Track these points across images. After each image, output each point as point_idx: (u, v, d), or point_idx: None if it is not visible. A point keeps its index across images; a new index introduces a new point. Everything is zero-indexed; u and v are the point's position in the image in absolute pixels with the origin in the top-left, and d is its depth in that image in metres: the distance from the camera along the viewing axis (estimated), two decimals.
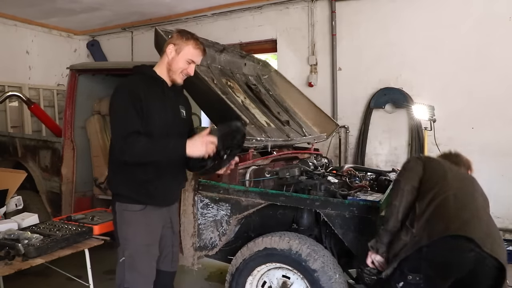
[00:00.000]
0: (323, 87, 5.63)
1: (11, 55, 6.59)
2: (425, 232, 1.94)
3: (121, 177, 2.29)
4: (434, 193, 2.05)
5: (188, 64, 2.31)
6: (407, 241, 1.98)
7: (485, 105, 4.66)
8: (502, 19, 4.64)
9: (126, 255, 2.30)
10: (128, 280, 2.30)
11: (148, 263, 2.34)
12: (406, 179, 2.13)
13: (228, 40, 5.84)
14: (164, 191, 2.35)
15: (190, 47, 2.29)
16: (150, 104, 2.23)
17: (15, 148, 4.21)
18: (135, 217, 2.29)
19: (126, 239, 2.30)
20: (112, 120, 2.26)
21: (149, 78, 2.33)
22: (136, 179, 2.26)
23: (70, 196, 3.78)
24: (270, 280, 2.69)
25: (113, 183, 2.36)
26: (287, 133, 3.58)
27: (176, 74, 2.31)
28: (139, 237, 2.30)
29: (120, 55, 7.36)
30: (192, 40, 2.30)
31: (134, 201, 2.28)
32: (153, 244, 2.37)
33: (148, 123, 2.21)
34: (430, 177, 2.12)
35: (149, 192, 2.28)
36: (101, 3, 5.91)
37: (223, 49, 3.82)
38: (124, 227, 2.31)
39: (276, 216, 2.86)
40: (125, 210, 2.30)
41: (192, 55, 2.30)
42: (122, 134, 2.12)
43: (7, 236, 2.54)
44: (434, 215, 1.99)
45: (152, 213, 2.33)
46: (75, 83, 3.82)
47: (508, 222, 4.66)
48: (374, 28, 5.20)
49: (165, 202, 2.42)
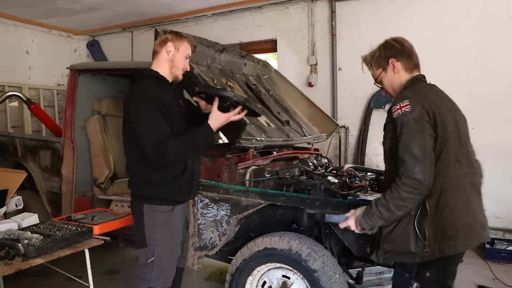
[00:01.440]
0: (323, 87, 5.64)
1: (11, 55, 6.59)
2: (436, 246, 1.76)
3: (146, 178, 2.31)
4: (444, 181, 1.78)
5: (186, 59, 2.43)
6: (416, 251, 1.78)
7: (485, 104, 4.66)
8: (502, 19, 4.64)
9: (156, 256, 2.34)
10: (153, 280, 2.34)
11: (173, 263, 2.43)
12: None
13: (228, 40, 5.85)
14: (189, 183, 2.43)
15: (186, 44, 2.42)
16: (169, 104, 2.29)
17: (15, 148, 4.21)
18: (165, 218, 2.35)
19: (155, 240, 2.34)
20: (140, 129, 2.21)
21: (157, 80, 2.36)
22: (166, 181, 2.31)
23: (70, 196, 3.78)
24: (270, 280, 2.68)
25: (139, 185, 2.35)
26: (287, 133, 3.57)
27: (179, 70, 2.41)
28: (168, 237, 2.37)
29: (120, 55, 7.36)
30: (185, 38, 2.45)
31: (164, 202, 2.33)
32: (177, 244, 2.46)
33: (170, 122, 2.26)
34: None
35: (175, 188, 2.34)
36: (101, 3, 5.91)
37: (223, 49, 3.82)
38: (155, 228, 2.33)
39: (276, 216, 2.85)
40: (155, 212, 2.33)
41: (188, 51, 2.44)
42: (154, 143, 2.16)
43: (7, 236, 2.54)
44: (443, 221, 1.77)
45: (178, 213, 2.40)
46: (75, 83, 3.81)
47: (508, 222, 4.66)
48: (374, 28, 5.20)
49: (190, 195, 2.52)
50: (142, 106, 2.22)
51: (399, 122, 1.77)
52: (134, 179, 2.39)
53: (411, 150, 1.72)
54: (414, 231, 1.77)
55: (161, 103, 2.22)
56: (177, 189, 2.36)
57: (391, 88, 1.99)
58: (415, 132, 1.74)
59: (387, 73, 1.97)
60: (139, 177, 2.35)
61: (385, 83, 1.98)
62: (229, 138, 2.95)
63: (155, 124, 2.19)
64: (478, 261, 4.29)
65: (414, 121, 1.74)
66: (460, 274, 4.13)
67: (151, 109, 2.20)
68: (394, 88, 1.98)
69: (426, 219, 1.76)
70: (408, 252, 1.79)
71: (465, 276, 3.88)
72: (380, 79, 2.00)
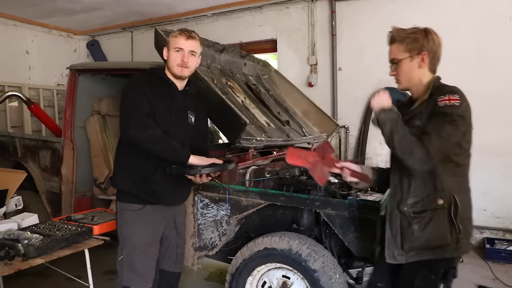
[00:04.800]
0: (323, 87, 5.64)
1: (11, 55, 6.59)
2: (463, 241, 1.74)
3: (123, 173, 2.33)
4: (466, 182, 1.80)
5: (178, 52, 2.31)
6: (451, 243, 1.73)
7: (485, 105, 4.65)
8: (502, 19, 4.64)
9: (125, 253, 2.33)
10: (126, 279, 2.33)
11: (146, 263, 2.35)
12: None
13: (228, 40, 5.84)
14: (165, 190, 2.34)
15: (173, 38, 2.34)
16: (154, 101, 2.26)
17: (15, 148, 4.20)
18: (134, 216, 2.32)
19: (125, 238, 2.34)
20: (123, 108, 2.25)
21: (159, 78, 2.36)
22: (138, 175, 2.28)
23: (70, 196, 3.77)
24: (270, 280, 2.68)
25: (116, 179, 2.39)
26: (287, 133, 3.58)
27: (174, 68, 2.33)
28: (138, 236, 2.32)
29: (120, 55, 7.36)
30: (175, 32, 2.36)
31: (133, 200, 2.31)
32: (152, 244, 2.38)
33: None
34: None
35: (149, 189, 2.29)
36: (101, 3, 5.91)
37: (223, 49, 3.82)
38: (124, 226, 2.34)
39: (276, 216, 2.85)
40: (124, 209, 2.34)
41: (177, 43, 2.31)
42: (135, 115, 2.15)
43: (7, 236, 2.54)
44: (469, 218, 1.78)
45: (151, 212, 2.34)
46: (75, 83, 3.81)
47: (508, 222, 4.66)
48: (374, 28, 5.19)
49: (167, 201, 2.41)
50: (128, 91, 2.26)
51: (444, 111, 1.69)
52: (114, 173, 2.45)
53: (442, 133, 1.67)
54: (450, 224, 1.72)
55: (146, 94, 2.22)
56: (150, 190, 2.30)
57: (407, 78, 1.84)
58: (456, 124, 1.69)
59: (411, 62, 1.82)
60: (117, 171, 2.38)
61: (403, 69, 1.83)
62: (229, 138, 2.95)
63: (138, 103, 2.19)
64: (478, 261, 4.29)
65: (459, 115, 1.70)
66: (460, 274, 4.13)
67: (136, 92, 2.22)
68: (410, 80, 1.85)
69: (457, 213, 1.72)
70: (441, 246, 1.73)
71: (465, 276, 3.88)
72: (400, 63, 1.83)
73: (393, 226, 1.81)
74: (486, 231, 4.72)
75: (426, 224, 1.73)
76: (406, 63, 1.81)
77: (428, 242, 1.73)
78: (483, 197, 4.63)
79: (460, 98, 1.70)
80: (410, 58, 1.79)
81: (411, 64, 1.81)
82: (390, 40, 1.85)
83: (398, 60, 1.81)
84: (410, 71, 1.81)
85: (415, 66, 1.82)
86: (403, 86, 1.87)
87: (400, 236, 1.78)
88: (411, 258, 1.77)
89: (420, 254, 1.75)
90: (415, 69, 1.81)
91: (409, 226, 1.76)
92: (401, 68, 1.82)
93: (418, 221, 1.74)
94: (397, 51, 1.81)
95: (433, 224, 1.72)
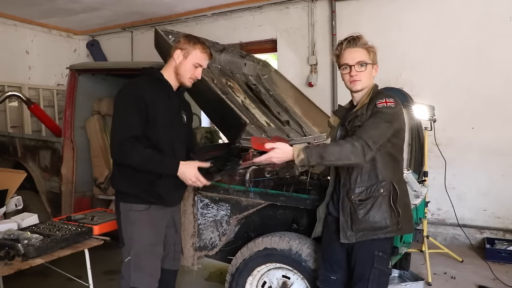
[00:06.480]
0: (323, 87, 5.63)
1: (11, 55, 6.59)
2: (404, 223, 2.09)
3: (126, 175, 2.30)
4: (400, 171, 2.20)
5: (195, 68, 2.32)
6: (390, 225, 2.05)
7: (486, 105, 4.66)
8: (502, 19, 4.64)
9: (132, 254, 2.32)
10: (134, 279, 2.32)
11: (153, 262, 2.37)
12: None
13: (228, 40, 5.84)
14: (169, 191, 2.35)
15: (197, 51, 2.30)
16: (155, 107, 2.24)
17: (15, 148, 4.21)
18: (140, 216, 2.31)
19: (132, 239, 2.33)
20: (114, 119, 2.25)
21: (156, 80, 2.33)
22: (141, 179, 2.27)
23: (70, 196, 3.77)
24: (270, 280, 2.68)
25: (117, 181, 2.36)
26: (287, 133, 3.57)
27: (185, 78, 2.33)
28: (144, 236, 2.33)
29: (120, 55, 7.36)
30: (199, 44, 2.32)
31: (139, 200, 2.30)
32: (157, 244, 2.40)
33: (151, 126, 2.23)
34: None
35: (154, 191, 2.29)
36: (101, 3, 5.91)
37: (223, 49, 3.81)
38: (130, 227, 2.33)
39: (276, 216, 2.85)
40: (130, 210, 2.32)
41: (199, 59, 2.32)
42: (121, 137, 2.16)
43: (7, 236, 2.54)
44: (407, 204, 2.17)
45: (156, 212, 2.35)
46: (75, 83, 3.81)
47: (508, 222, 4.66)
48: (375, 28, 5.18)
49: (171, 202, 2.42)
50: (122, 98, 2.24)
51: (381, 110, 2.02)
52: (113, 174, 2.41)
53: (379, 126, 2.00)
54: (389, 208, 2.05)
55: (144, 101, 2.19)
56: (154, 192, 2.30)
57: (366, 80, 2.16)
58: (390, 121, 2.02)
59: (372, 69, 2.19)
60: (118, 172, 2.34)
61: (366, 74, 2.15)
62: (229, 138, 2.94)
63: (126, 119, 2.18)
64: (478, 261, 4.29)
65: (393, 115, 2.04)
66: (460, 274, 4.15)
67: (129, 103, 2.19)
68: (367, 83, 2.17)
69: (397, 200, 2.05)
70: (383, 227, 2.04)
71: (465, 276, 3.89)
72: (367, 67, 2.15)
73: (344, 211, 2.12)
74: (486, 231, 4.72)
75: (369, 209, 2.06)
76: (370, 68, 2.17)
77: (372, 224, 2.05)
78: (483, 197, 4.64)
79: (395, 102, 2.06)
80: (372, 65, 2.18)
81: (372, 71, 2.19)
82: (358, 44, 2.21)
83: (367, 64, 2.15)
84: (370, 76, 2.18)
85: (373, 73, 2.21)
86: (361, 86, 2.16)
87: (350, 220, 2.09)
88: (360, 238, 2.07)
89: (367, 234, 2.06)
90: (371, 76, 2.19)
91: (355, 211, 2.08)
92: (367, 71, 2.15)
93: (363, 207, 2.06)
94: (365, 56, 2.16)
95: (375, 209, 2.06)
